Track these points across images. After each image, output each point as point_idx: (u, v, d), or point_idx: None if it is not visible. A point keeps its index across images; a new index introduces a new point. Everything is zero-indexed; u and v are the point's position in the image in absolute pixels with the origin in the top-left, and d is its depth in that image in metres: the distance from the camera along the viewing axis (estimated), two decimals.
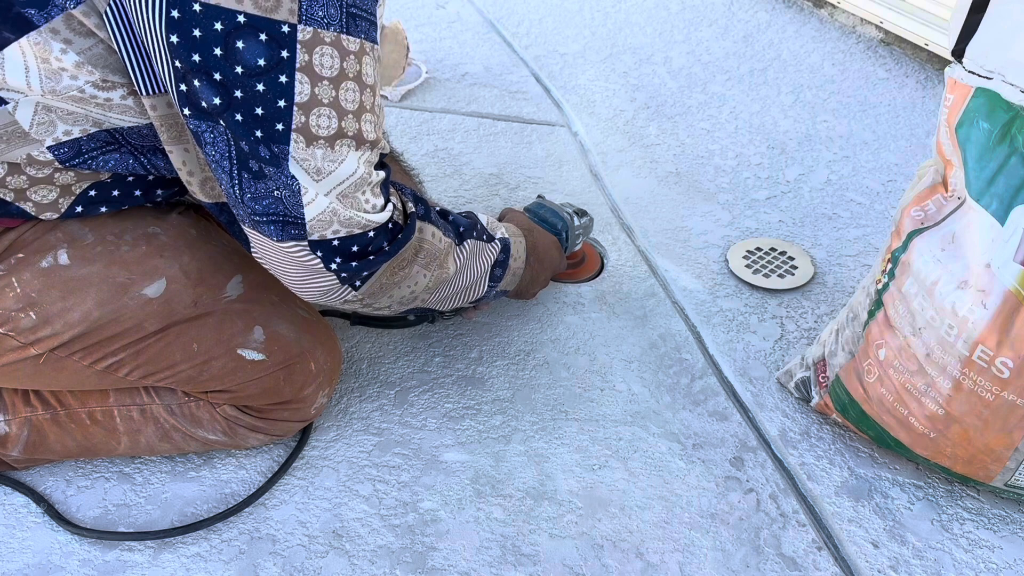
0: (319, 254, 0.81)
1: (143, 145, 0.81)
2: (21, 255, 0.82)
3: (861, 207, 1.53)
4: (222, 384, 0.91)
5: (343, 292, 0.85)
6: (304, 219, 0.78)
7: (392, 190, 0.87)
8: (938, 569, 0.93)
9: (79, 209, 0.83)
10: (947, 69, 0.89)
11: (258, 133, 0.74)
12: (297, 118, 0.74)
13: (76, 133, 0.77)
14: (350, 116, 0.77)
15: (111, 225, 0.86)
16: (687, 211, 1.51)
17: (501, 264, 1.04)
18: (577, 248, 1.32)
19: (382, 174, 0.83)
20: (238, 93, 0.72)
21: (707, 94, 1.92)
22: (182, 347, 0.88)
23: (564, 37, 2.19)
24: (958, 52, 0.87)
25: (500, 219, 1.20)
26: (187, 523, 0.95)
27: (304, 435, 1.05)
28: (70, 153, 0.78)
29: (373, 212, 0.82)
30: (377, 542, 0.94)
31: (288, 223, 0.78)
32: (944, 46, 1.89)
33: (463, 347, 1.21)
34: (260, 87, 0.72)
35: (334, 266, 0.82)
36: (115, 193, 0.84)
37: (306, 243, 0.80)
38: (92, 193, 0.83)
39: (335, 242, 0.81)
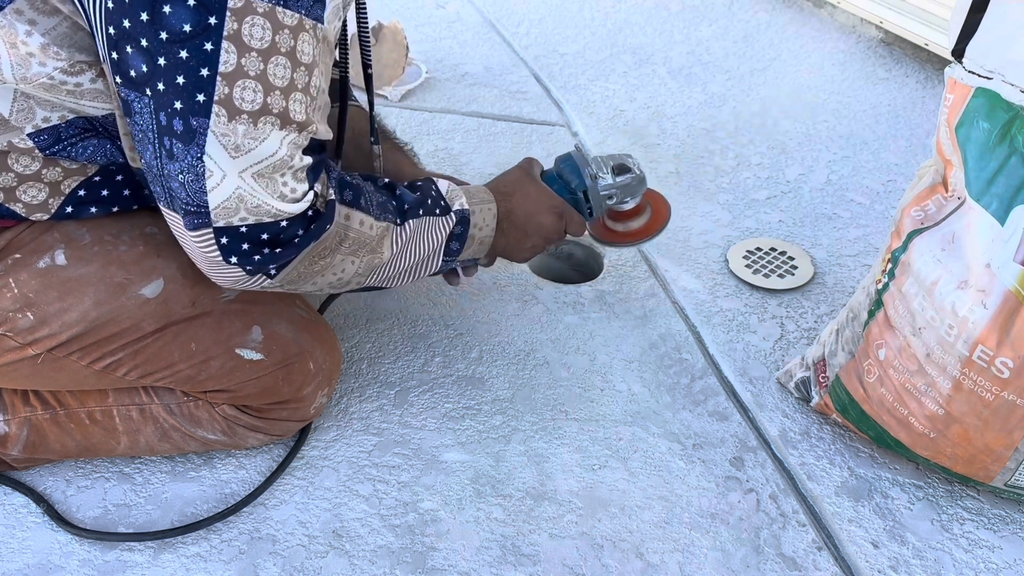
0: (224, 241, 0.77)
1: (119, 132, 0.81)
2: (18, 255, 0.82)
3: (861, 207, 1.53)
4: (221, 384, 0.91)
5: (257, 280, 0.82)
6: (208, 206, 0.74)
7: (323, 179, 0.82)
8: (938, 569, 0.93)
9: (69, 210, 0.83)
10: (947, 69, 0.89)
11: (177, 104, 0.71)
12: (220, 89, 0.71)
13: (55, 120, 0.77)
14: (277, 92, 0.73)
15: (108, 225, 0.86)
16: (687, 211, 1.51)
17: (458, 237, 0.98)
18: (627, 206, 1.14)
19: (309, 159, 0.78)
20: (161, 60, 0.69)
21: (707, 94, 1.92)
22: (180, 347, 0.88)
23: (564, 37, 2.19)
24: (958, 52, 0.87)
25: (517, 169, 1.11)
26: (187, 523, 0.95)
27: (303, 434, 1.05)
28: (50, 140, 0.78)
29: (290, 199, 0.77)
30: (377, 542, 0.94)
31: (189, 212, 0.75)
32: (944, 46, 1.88)
33: (463, 347, 1.21)
34: (183, 54, 0.69)
35: (234, 259, 0.78)
36: (104, 193, 0.84)
37: (210, 231, 0.76)
38: (82, 193, 0.83)
39: (243, 229, 0.76)
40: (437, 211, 0.95)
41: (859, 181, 1.61)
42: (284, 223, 0.78)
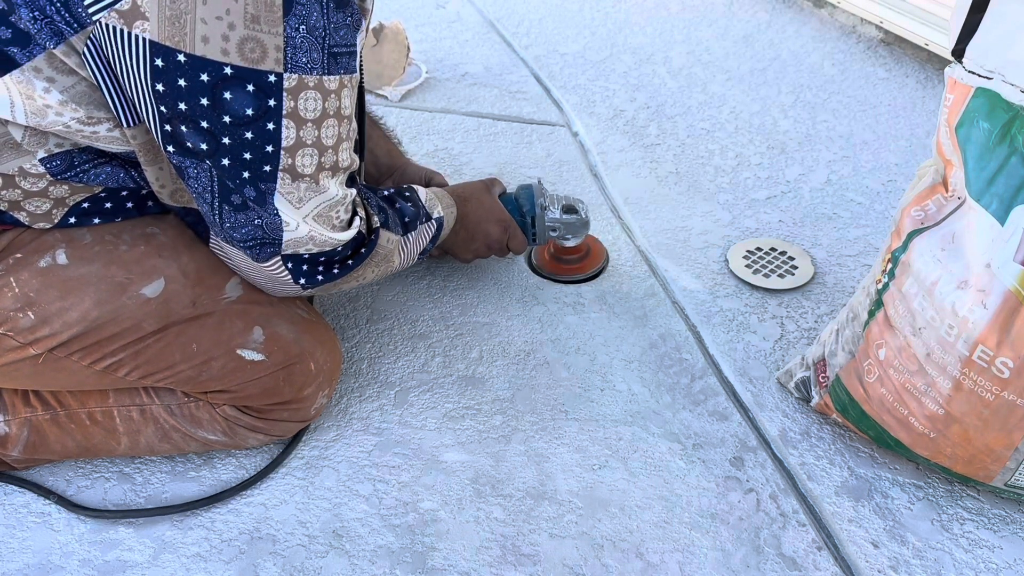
0: (290, 266, 0.86)
1: (133, 160, 0.83)
2: (19, 255, 0.83)
3: (861, 207, 1.53)
4: (222, 384, 0.91)
5: (302, 292, 0.92)
6: (282, 240, 0.83)
7: (358, 200, 0.91)
8: (938, 569, 0.93)
9: (72, 220, 0.84)
10: (947, 69, 0.89)
11: (245, 175, 0.77)
12: (284, 160, 0.77)
13: (68, 145, 0.78)
14: (330, 151, 0.80)
15: (110, 225, 0.87)
16: (687, 211, 1.51)
17: (434, 239, 1.08)
18: (568, 243, 1.30)
19: (352, 191, 0.88)
20: (226, 140, 0.74)
21: (707, 94, 1.92)
22: (181, 347, 0.88)
23: (564, 37, 2.19)
24: (958, 52, 0.87)
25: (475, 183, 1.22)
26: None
27: (299, 432, 1.05)
28: (62, 166, 0.79)
29: (342, 228, 0.87)
30: (377, 542, 0.94)
31: (266, 244, 0.83)
32: (944, 46, 1.89)
33: (463, 347, 1.21)
34: (248, 135, 0.74)
35: (302, 281, 0.89)
36: (108, 206, 0.86)
37: (279, 258, 0.85)
38: (85, 205, 0.84)
39: (306, 255, 0.86)
40: (423, 219, 1.05)
41: (859, 181, 1.61)
42: (339, 248, 0.88)
